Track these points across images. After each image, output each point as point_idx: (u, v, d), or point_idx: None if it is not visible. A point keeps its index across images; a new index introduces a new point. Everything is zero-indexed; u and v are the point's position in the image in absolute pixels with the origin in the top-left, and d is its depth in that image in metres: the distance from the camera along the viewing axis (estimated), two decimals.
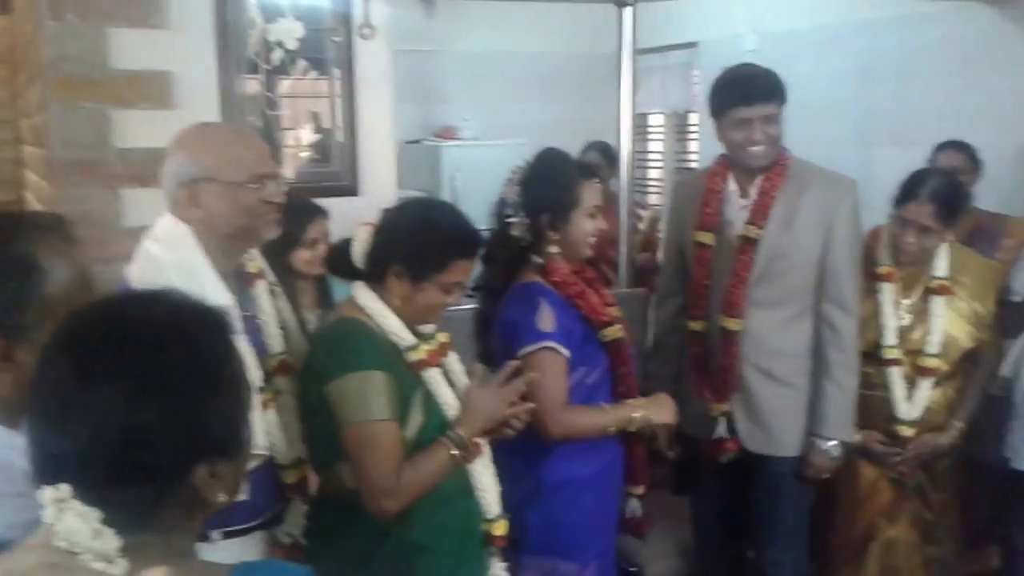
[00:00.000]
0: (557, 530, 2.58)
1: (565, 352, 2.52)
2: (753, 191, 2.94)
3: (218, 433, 1.21)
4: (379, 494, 2.11)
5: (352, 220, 2.41)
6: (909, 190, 3.01)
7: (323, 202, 3.31)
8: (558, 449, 2.58)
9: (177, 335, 1.19)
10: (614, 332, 2.64)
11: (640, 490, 2.82)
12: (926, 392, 3.05)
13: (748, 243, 2.91)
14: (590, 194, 2.60)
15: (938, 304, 3.04)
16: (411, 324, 2.25)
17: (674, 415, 2.69)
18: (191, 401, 1.17)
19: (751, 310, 2.93)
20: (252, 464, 2.05)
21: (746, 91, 2.88)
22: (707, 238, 3.00)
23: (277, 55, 3.41)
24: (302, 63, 3.45)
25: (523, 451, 2.52)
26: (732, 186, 3.00)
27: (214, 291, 2.02)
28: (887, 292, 3.07)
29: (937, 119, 4.77)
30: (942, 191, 2.98)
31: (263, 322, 2.29)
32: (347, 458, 2.15)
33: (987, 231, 3.93)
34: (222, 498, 1.23)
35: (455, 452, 2.19)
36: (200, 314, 1.25)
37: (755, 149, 2.87)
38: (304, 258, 3.12)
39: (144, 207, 2.89)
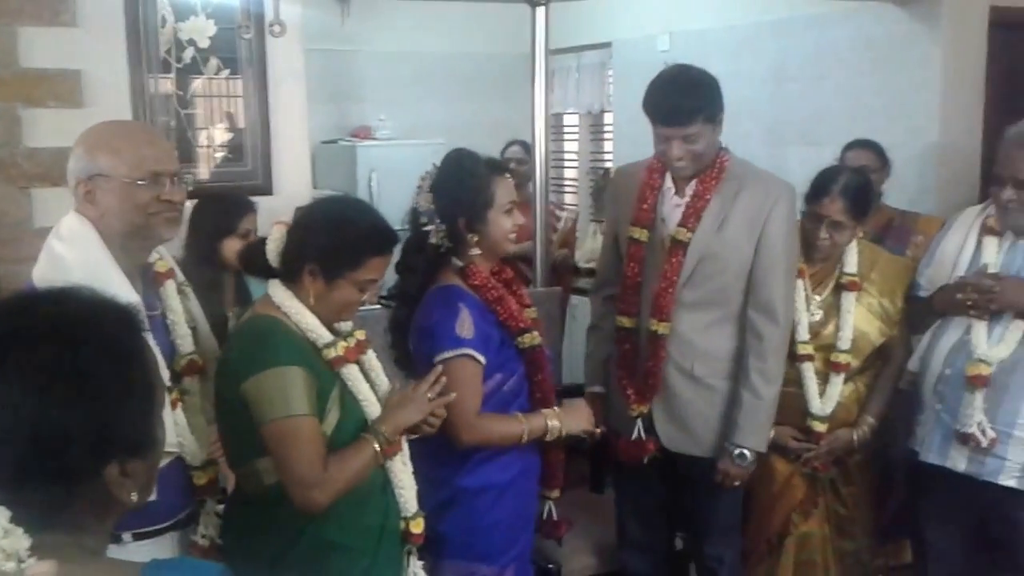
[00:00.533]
0: (476, 534, 2.58)
1: (482, 359, 2.51)
2: (688, 192, 2.90)
3: (130, 431, 1.20)
4: (306, 486, 2.10)
5: (267, 219, 2.40)
6: (821, 187, 3.06)
7: None
8: (476, 455, 2.57)
9: (88, 332, 1.18)
10: (531, 339, 2.62)
11: (555, 493, 2.83)
12: (838, 388, 3.09)
13: (678, 245, 2.87)
14: (504, 190, 2.57)
15: (848, 300, 3.09)
16: (327, 322, 2.24)
17: (589, 423, 2.70)
18: (103, 399, 1.16)
19: (679, 311, 2.89)
20: (163, 462, 2.07)
21: (666, 112, 2.81)
22: (641, 234, 2.96)
23: (189, 53, 3.36)
24: (214, 62, 3.41)
25: (441, 457, 2.52)
26: (668, 183, 2.97)
27: (120, 289, 2.00)
28: (799, 288, 3.09)
29: (847, 118, 4.83)
30: (852, 186, 3.05)
31: (172, 322, 2.28)
32: (268, 454, 2.13)
33: (897, 228, 3.99)
34: (134, 497, 1.22)
35: (378, 448, 2.20)
36: (111, 311, 1.24)
37: (677, 164, 2.84)
38: (236, 248, 3.11)
39: (55, 207, 2.83)
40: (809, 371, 3.08)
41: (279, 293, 2.21)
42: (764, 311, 2.86)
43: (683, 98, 2.79)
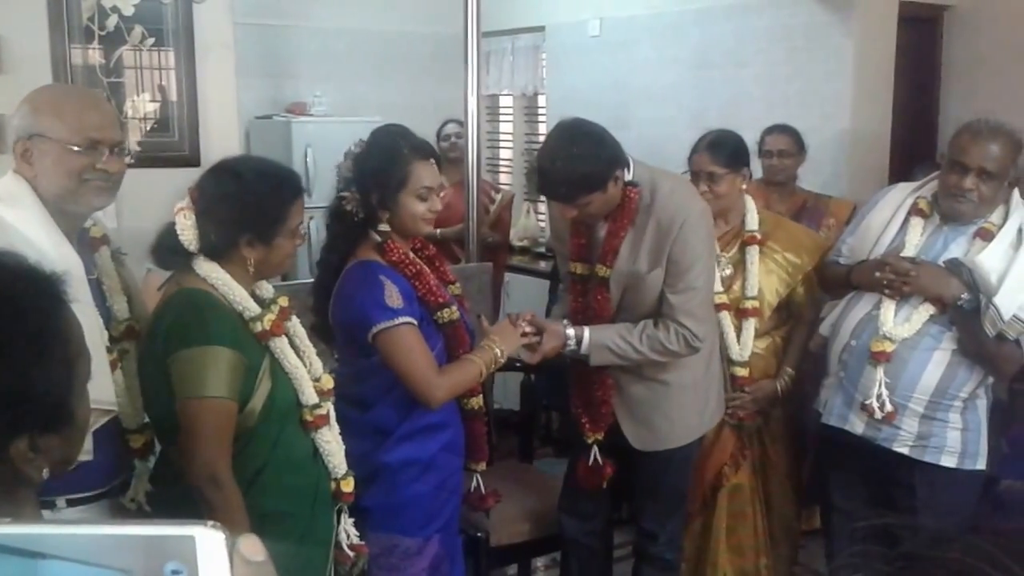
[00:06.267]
0: (398, 507, 2.50)
1: (416, 323, 2.42)
2: (602, 231, 2.80)
3: (41, 404, 1.07)
4: (203, 467, 2.00)
5: None
6: (692, 148, 3.18)
7: (163, 173, 3.11)
8: (398, 432, 2.49)
9: (2, 299, 1.06)
10: (450, 314, 2.52)
11: (481, 466, 2.76)
12: (751, 333, 3.14)
13: (602, 282, 2.80)
14: (421, 174, 2.45)
15: (752, 253, 3.16)
16: (255, 284, 2.18)
17: (518, 341, 2.63)
18: (14, 369, 1.04)
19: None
20: (100, 421, 2.04)
21: (546, 195, 2.78)
22: (577, 268, 2.88)
23: (112, 21, 3.16)
24: (139, 30, 3.20)
25: (362, 433, 2.43)
26: None
27: (60, 251, 1.95)
28: None
29: (764, 104, 4.87)
30: (715, 139, 3.16)
31: (107, 287, 2.19)
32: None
33: (811, 211, 4.06)
34: (45, 474, 1.10)
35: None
36: (31, 278, 1.10)
37: (580, 217, 2.75)
38: None
39: None
40: (726, 319, 3.14)
41: (205, 266, 2.10)
42: (671, 319, 2.75)
43: (559, 186, 2.66)
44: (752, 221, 3.20)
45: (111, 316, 2.19)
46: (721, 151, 3.12)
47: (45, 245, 1.92)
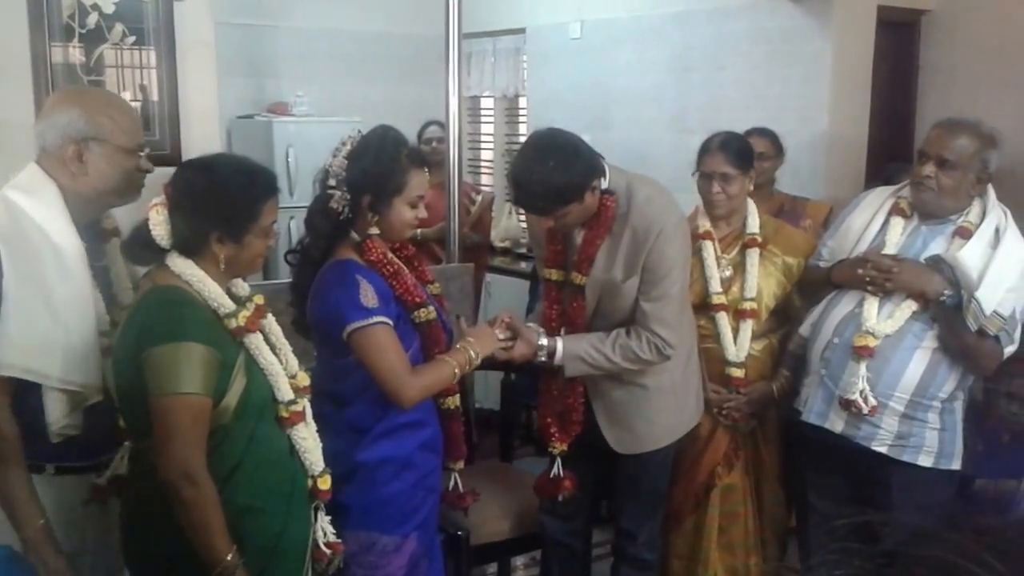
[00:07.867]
0: (375, 505, 2.49)
1: (391, 323, 2.42)
2: (579, 238, 2.82)
3: None
4: (177, 470, 1.98)
5: None
6: (703, 149, 3.17)
7: None
8: (375, 430, 2.49)
9: None
10: (426, 314, 2.52)
11: (459, 465, 2.76)
12: (748, 333, 3.14)
13: (577, 289, 2.81)
14: (416, 183, 2.46)
15: (752, 256, 3.17)
16: (231, 282, 2.19)
17: (494, 343, 2.65)
18: None
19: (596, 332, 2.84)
20: (88, 402, 2.16)
21: (523, 207, 2.80)
22: (552, 275, 2.89)
23: (93, 19, 3.14)
24: (119, 28, 3.19)
25: (338, 431, 2.42)
26: None
27: (63, 238, 2.14)
28: (708, 248, 3.17)
29: (743, 107, 4.87)
30: (728, 140, 3.18)
31: (115, 275, 2.34)
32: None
33: (788, 213, 4.05)
34: None
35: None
36: None
37: (557, 226, 2.77)
38: None
39: None
40: (723, 319, 3.15)
41: (180, 263, 2.10)
42: (643, 327, 2.77)
43: (536, 199, 2.68)
44: (753, 224, 3.22)
45: (115, 302, 2.31)
46: (733, 152, 3.13)
47: (55, 232, 2.13)
